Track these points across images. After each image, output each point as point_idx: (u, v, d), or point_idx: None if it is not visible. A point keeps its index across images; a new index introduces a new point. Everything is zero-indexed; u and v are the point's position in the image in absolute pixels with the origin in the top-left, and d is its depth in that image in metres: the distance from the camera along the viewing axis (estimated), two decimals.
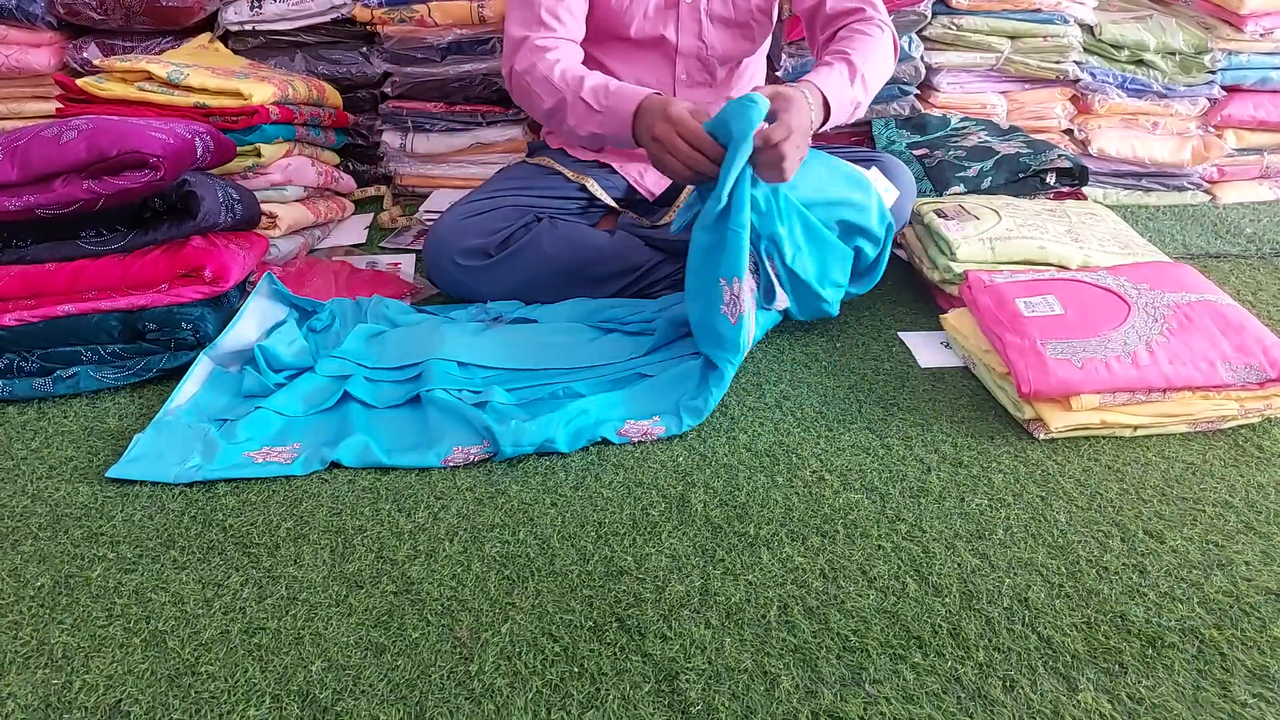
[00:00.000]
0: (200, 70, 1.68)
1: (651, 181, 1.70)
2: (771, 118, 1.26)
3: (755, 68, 1.75)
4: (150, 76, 1.64)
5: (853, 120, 1.51)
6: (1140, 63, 2.15)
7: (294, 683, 0.91)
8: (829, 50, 1.51)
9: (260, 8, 1.94)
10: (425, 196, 2.13)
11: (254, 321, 1.49)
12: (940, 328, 1.58)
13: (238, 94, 1.65)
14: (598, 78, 1.42)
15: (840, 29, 1.55)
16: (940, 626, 0.99)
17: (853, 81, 1.44)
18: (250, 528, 1.12)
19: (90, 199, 1.33)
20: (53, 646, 0.95)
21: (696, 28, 1.59)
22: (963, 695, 0.92)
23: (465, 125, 2.08)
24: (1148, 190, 2.25)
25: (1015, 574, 1.07)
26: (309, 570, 1.06)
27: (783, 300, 1.47)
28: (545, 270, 1.60)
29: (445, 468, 1.23)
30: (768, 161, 1.26)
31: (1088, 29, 2.14)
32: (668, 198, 1.71)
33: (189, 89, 1.64)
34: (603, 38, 1.61)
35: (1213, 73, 2.16)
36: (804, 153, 1.33)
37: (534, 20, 1.49)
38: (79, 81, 1.64)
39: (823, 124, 1.40)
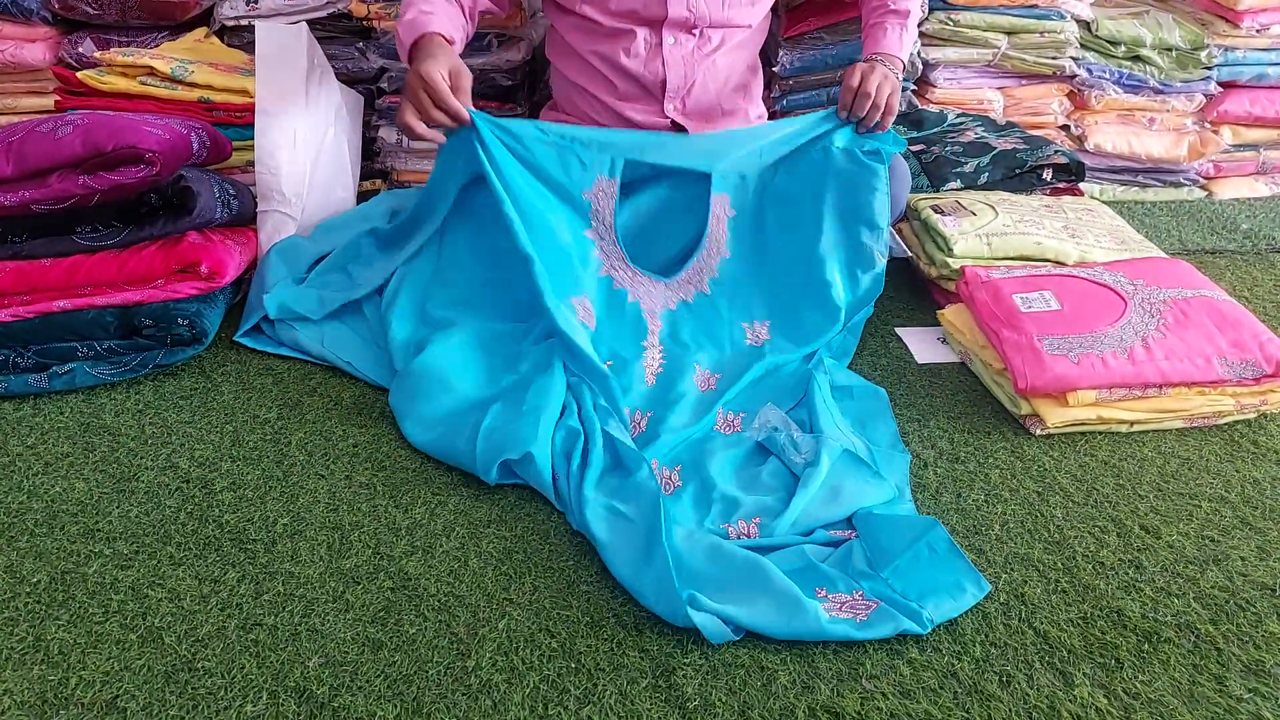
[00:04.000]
0: (204, 67, 1.68)
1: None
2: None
3: (748, 58, 1.71)
4: (153, 71, 1.64)
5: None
6: (1137, 58, 2.15)
7: (291, 678, 0.91)
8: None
9: (256, 2, 1.93)
10: None
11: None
12: (937, 323, 1.59)
13: (244, 91, 1.66)
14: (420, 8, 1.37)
15: None
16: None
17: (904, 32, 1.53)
18: (247, 524, 1.12)
19: (86, 194, 1.33)
20: (49, 643, 0.95)
21: None
22: (959, 690, 0.92)
23: None
24: (1144, 186, 2.25)
25: (1012, 569, 1.07)
26: (306, 566, 1.06)
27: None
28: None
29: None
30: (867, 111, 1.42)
31: (1084, 25, 2.13)
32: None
33: (193, 85, 1.65)
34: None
35: (1209, 69, 2.16)
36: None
37: None
38: (80, 74, 1.64)
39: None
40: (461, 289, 1.47)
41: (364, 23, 1.99)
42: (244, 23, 1.95)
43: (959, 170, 1.82)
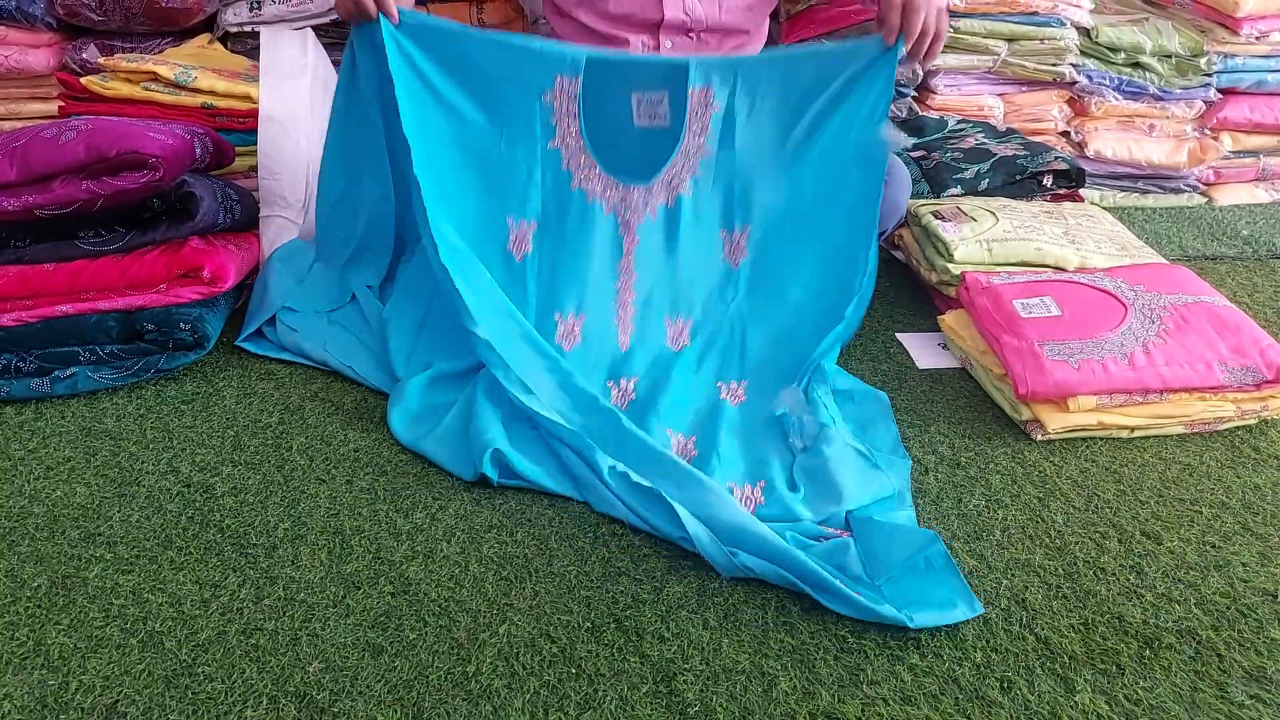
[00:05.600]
0: (208, 72, 1.69)
1: None
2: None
3: None
4: (157, 77, 1.64)
5: None
6: (1137, 65, 2.15)
7: (291, 683, 0.91)
8: None
9: (259, 9, 1.94)
10: None
11: None
12: (938, 329, 1.59)
13: (247, 97, 1.67)
14: None
15: None
16: (937, 627, 0.99)
17: None
18: (248, 528, 1.12)
19: (89, 199, 1.33)
20: (49, 647, 0.95)
21: None
22: (960, 696, 0.92)
23: None
24: (1144, 192, 2.25)
25: (1013, 575, 1.07)
26: (306, 571, 1.06)
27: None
28: None
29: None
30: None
31: (1084, 32, 2.14)
32: None
33: (196, 90, 1.65)
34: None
35: (1209, 75, 2.17)
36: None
37: None
38: (83, 80, 1.65)
39: None
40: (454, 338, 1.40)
41: None
42: (247, 29, 1.96)
43: (959, 176, 1.83)
